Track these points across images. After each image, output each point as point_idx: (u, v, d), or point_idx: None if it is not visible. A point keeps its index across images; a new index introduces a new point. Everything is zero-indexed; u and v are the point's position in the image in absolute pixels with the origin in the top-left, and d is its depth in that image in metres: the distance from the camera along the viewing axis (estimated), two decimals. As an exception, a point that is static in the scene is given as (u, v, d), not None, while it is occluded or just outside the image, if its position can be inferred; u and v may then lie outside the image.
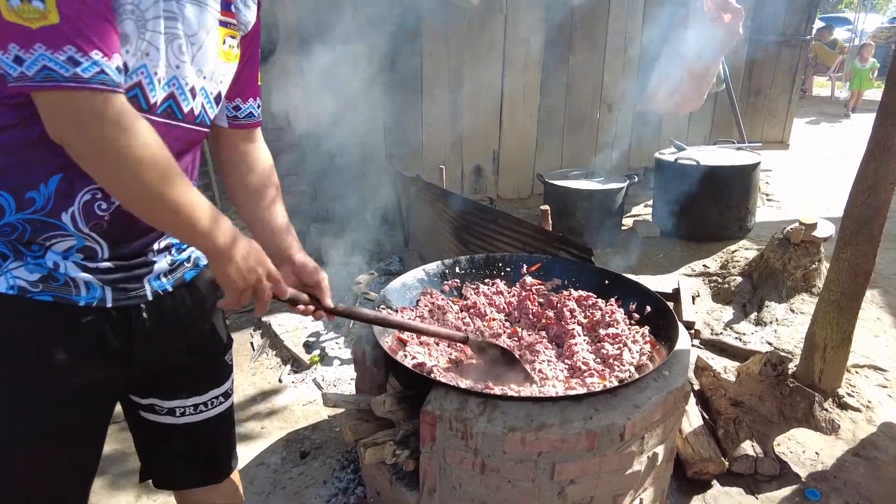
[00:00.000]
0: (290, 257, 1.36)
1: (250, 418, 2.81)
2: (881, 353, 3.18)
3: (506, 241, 3.10)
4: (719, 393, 2.58)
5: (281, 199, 1.44)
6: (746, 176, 4.71)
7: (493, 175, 5.75)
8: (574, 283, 2.46)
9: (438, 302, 2.33)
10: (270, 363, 3.25)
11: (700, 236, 4.81)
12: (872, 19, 17.73)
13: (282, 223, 1.40)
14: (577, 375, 1.98)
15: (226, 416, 1.42)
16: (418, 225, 4.27)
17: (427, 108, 5.22)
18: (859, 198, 2.47)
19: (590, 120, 5.99)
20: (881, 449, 2.48)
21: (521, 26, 5.31)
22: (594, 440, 1.61)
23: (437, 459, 1.71)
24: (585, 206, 4.63)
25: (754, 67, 6.72)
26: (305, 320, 3.61)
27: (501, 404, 1.67)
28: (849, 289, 2.59)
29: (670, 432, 1.89)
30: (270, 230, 1.38)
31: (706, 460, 2.25)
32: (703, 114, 6.34)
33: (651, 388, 1.77)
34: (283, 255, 1.36)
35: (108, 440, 2.65)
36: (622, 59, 5.87)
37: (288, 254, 1.36)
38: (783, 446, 2.51)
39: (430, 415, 1.66)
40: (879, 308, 3.67)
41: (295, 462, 2.48)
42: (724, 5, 5.12)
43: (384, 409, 1.81)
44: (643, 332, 2.12)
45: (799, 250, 3.63)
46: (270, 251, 1.34)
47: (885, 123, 2.35)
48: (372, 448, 1.86)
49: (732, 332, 3.45)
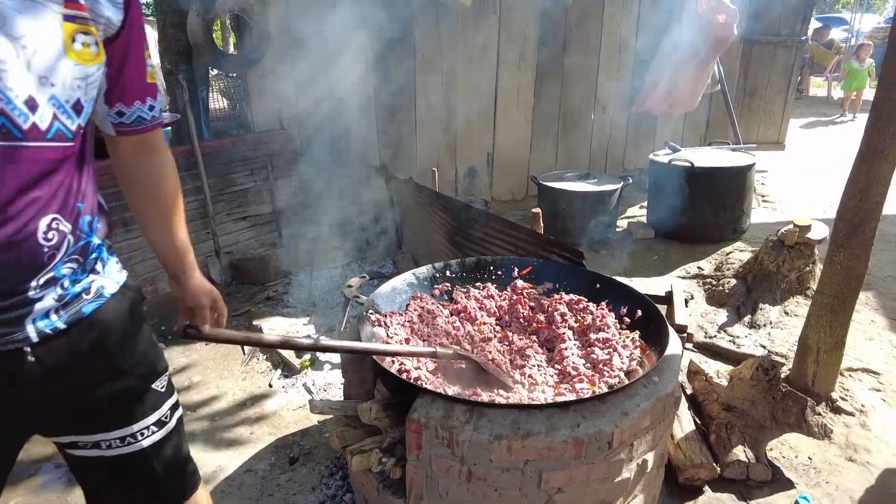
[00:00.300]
0: (177, 277, 1.36)
1: (239, 423, 2.78)
2: (875, 356, 3.16)
3: (498, 245, 3.08)
4: (712, 397, 2.56)
5: (180, 214, 1.35)
6: (741, 177, 4.70)
7: (488, 177, 5.73)
8: (565, 286, 2.44)
9: (428, 306, 2.31)
10: (261, 367, 3.22)
11: (695, 238, 4.80)
12: (869, 19, 17.77)
13: (174, 240, 1.34)
14: (567, 380, 1.96)
15: (165, 445, 1.30)
16: (412, 227, 4.25)
17: (420, 110, 5.21)
18: (851, 200, 2.46)
19: (584, 121, 5.98)
20: (874, 453, 2.47)
21: (515, 27, 5.29)
22: (581, 448, 1.59)
23: (424, 468, 1.69)
24: (580, 207, 4.61)
25: (749, 68, 6.72)
26: (297, 324, 3.58)
27: (488, 412, 1.65)
28: (842, 292, 2.57)
29: (660, 439, 1.87)
30: (164, 245, 1.35)
31: (698, 466, 2.23)
32: (698, 115, 6.33)
33: (640, 394, 1.75)
34: (172, 274, 1.35)
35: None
36: (616, 61, 5.86)
37: (176, 274, 1.36)
38: (775, 451, 2.49)
39: (415, 423, 1.64)
40: (874, 310, 3.65)
41: (283, 468, 2.46)
42: (718, 6, 5.11)
43: (370, 417, 1.78)
44: (633, 337, 2.10)
45: (793, 252, 3.61)
46: (165, 268, 1.36)
47: (877, 126, 2.34)
48: (359, 455, 1.84)
49: (726, 334, 3.43)
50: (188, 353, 3.39)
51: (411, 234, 4.30)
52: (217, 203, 4.30)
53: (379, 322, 2.17)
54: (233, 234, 4.46)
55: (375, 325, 2.14)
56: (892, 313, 3.61)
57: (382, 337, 2.10)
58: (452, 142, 5.46)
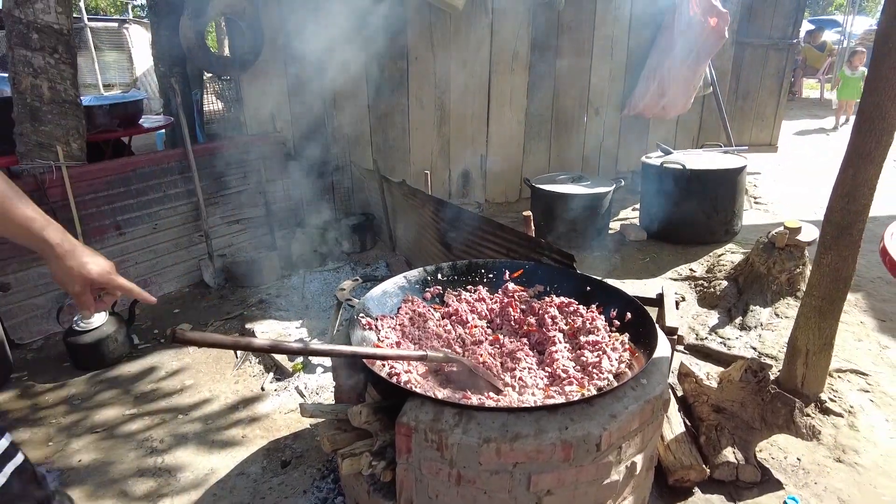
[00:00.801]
0: (46, 259, 1.21)
1: (232, 426, 2.78)
2: (863, 357, 3.19)
3: (489, 247, 3.09)
4: (702, 399, 2.58)
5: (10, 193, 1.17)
6: (733, 179, 4.73)
7: (481, 179, 5.74)
8: (556, 289, 2.45)
9: (420, 309, 2.32)
10: (253, 371, 3.22)
11: (687, 240, 4.83)
12: (861, 22, 17.87)
13: (12, 219, 1.17)
14: (557, 383, 1.97)
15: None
16: (405, 230, 4.26)
17: (413, 112, 5.22)
18: (839, 203, 2.48)
19: (577, 123, 6.00)
20: (862, 454, 2.49)
21: (508, 30, 5.31)
22: (570, 451, 1.60)
23: (414, 471, 1.70)
24: (572, 210, 4.63)
25: (742, 71, 6.75)
26: (289, 327, 3.58)
27: (477, 415, 1.66)
28: (830, 294, 2.59)
29: (649, 441, 1.88)
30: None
31: (687, 468, 2.24)
32: (690, 117, 6.36)
33: (628, 396, 1.76)
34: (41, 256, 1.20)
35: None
36: (609, 63, 5.88)
37: (44, 255, 1.20)
38: (765, 452, 2.51)
39: (405, 426, 1.65)
40: (862, 312, 3.68)
41: (275, 472, 2.46)
42: (709, 9, 5.15)
43: (361, 420, 1.79)
44: (622, 340, 2.11)
45: (784, 254, 3.63)
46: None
47: (863, 129, 2.36)
48: (350, 458, 1.84)
49: (717, 336, 3.45)
50: (180, 356, 3.39)
51: (404, 236, 4.31)
52: (210, 206, 4.30)
53: (370, 325, 2.17)
54: (226, 236, 4.46)
55: (366, 329, 2.15)
56: (880, 314, 3.64)
57: (373, 340, 2.11)
58: (446, 144, 5.47)
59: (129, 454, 2.61)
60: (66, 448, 2.66)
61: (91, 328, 3.26)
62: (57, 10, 3.52)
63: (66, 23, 3.59)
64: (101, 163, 3.88)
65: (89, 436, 2.74)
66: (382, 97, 5.03)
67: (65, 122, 3.65)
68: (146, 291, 1.33)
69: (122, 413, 2.91)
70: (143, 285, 3.97)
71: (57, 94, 3.60)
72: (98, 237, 3.78)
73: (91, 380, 3.20)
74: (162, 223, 4.09)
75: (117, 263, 4.39)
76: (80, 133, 3.75)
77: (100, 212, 3.78)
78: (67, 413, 2.92)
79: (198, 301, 4.07)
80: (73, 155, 3.69)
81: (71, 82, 3.67)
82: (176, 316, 3.87)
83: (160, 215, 4.08)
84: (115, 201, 3.85)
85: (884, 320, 3.57)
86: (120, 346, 3.36)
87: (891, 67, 2.26)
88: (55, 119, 3.61)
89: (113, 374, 3.25)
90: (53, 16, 3.51)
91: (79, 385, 3.16)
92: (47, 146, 3.57)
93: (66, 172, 3.56)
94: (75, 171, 3.64)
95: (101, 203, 3.79)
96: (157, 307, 3.91)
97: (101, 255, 1.26)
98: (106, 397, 3.05)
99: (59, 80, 3.60)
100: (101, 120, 4.39)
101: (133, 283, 1.30)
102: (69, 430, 2.79)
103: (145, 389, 3.10)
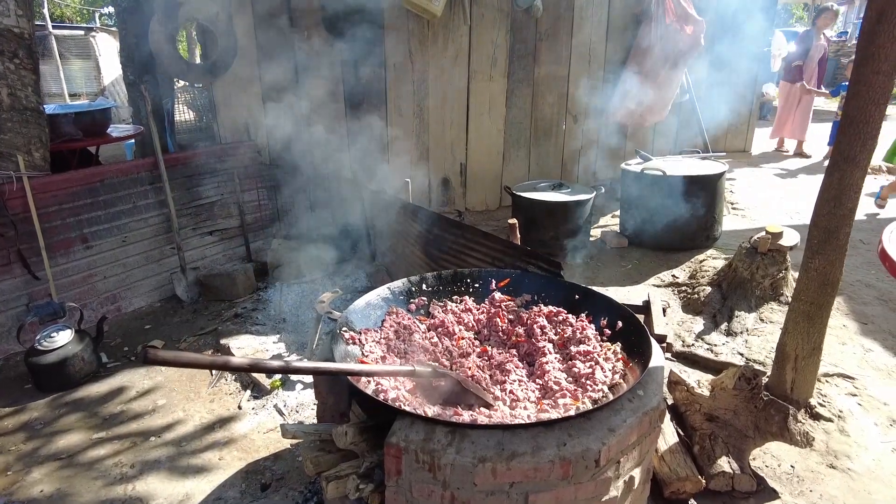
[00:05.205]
0: None
1: (207, 448, 2.64)
2: (849, 360, 3.19)
3: (474, 256, 3.02)
4: (694, 408, 2.53)
5: None
6: (712, 185, 4.74)
7: (461, 187, 5.68)
8: (544, 298, 2.39)
9: (405, 322, 2.23)
10: (229, 388, 3.08)
11: (668, 246, 4.82)
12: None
13: None
14: (549, 396, 1.90)
15: None
16: (385, 239, 4.16)
17: (392, 120, 5.14)
18: (825, 207, 2.47)
19: (556, 131, 5.99)
20: (854, 459, 2.46)
21: (486, 37, 5.28)
22: (568, 468, 1.52)
23: (404, 493, 1.60)
24: (553, 217, 4.59)
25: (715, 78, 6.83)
26: (266, 342, 3.45)
27: (470, 433, 1.57)
28: (818, 298, 2.58)
29: (646, 454, 1.81)
30: None
31: (683, 479, 2.18)
32: (667, 124, 6.41)
33: (626, 409, 1.69)
34: None
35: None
36: (587, 71, 5.89)
37: None
38: (759, 460, 2.46)
39: (394, 447, 1.55)
40: (845, 315, 3.70)
41: (255, 496, 2.33)
42: (685, 17, 5.19)
43: (346, 441, 1.69)
44: (615, 349, 2.05)
45: (766, 259, 3.63)
46: None
47: (848, 133, 2.35)
48: (335, 481, 1.74)
49: (704, 343, 3.42)
50: (152, 374, 3.23)
51: (384, 246, 4.21)
52: (182, 217, 4.15)
53: (353, 340, 2.08)
54: (199, 248, 4.31)
55: (349, 343, 2.05)
56: (862, 318, 3.65)
57: (357, 355, 2.01)
58: (425, 152, 5.40)
59: (96, 482, 2.45)
60: (25, 478, 2.48)
61: (55, 347, 3.09)
62: (17, 13, 3.36)
63: (28, 27, 3.43)
64: (66, 173, 3.70)
65: (52, 463, 2.57)
66: (360, 104, 4.94)
67: (26, 131, 3.48)
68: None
69: (87, 437, 2.74)
70: (112, 300, 3.83)
71: (17, 100, 3.43)
72: (63, 251, 3.60)
73: (54, 402, 3.02)
74: (132, 236, 3.92)
75: (84, 278, 4.18)
76: (42, 142, 3.58)
77: (65, 224, 3.61)
78: (28, 439, 2.74)
79: (170, 316, 3.90)
80: (35, 165, 3.52)
81: (33, 89, 3.50)
82: (147, 332, 3.69)
83: (130, 227, 3.91)
84: (81, 213, 3.67)
85: (865, 323, 3.59)
86: (87, 365, 3.19)
87: (874, 71, 2.26)
88: (15, 127, 3.43)
89: (78, 395, 3.08)
90: (13, 19, 3.35)
91: (41, 408, 2.98)
92: (7, 155, 3.40)
93: (28, 183, 3.39)
94: (38, 182, 3.47)
95: (66, 215, 3.61)
96: (128, 323, 3.74)
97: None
98: (70, 420, 2.87)
99: (19, 86, 3.43)
100: (67, 129, 4.20)
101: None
102: (29, 457, 2.61)
103: (114, 411, 2.94)
